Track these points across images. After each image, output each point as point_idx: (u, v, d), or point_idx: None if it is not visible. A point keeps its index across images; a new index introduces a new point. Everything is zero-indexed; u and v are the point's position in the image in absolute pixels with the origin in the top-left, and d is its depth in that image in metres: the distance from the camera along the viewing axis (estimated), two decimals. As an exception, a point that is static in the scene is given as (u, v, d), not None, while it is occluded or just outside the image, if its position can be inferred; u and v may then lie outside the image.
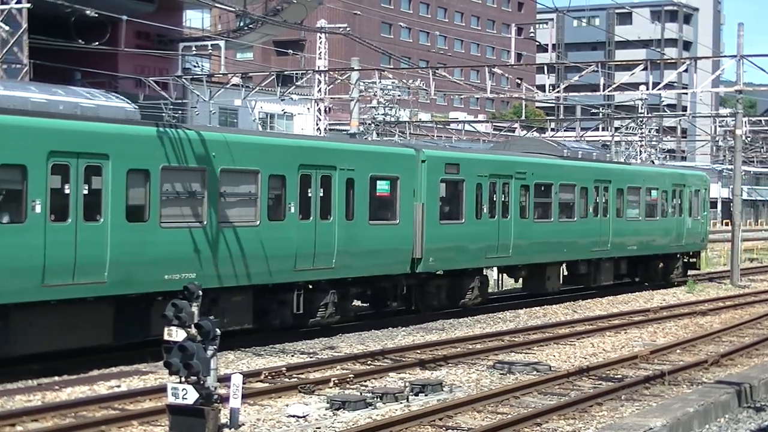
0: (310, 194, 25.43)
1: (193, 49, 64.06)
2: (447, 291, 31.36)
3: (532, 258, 34.38)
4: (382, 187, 28.06)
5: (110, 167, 20.75)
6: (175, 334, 15.63)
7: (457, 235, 30.57)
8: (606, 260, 38.58)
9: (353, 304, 28.49)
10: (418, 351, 24.44)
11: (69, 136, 20.09)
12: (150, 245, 21.55)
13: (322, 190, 25.79)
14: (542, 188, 34.61)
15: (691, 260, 45.69)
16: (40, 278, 19.45)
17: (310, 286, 26.13)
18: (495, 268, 36.82)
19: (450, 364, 22.90)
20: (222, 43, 62.35)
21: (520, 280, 36.42)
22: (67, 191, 20.05)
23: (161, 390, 17.29)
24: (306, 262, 25.34)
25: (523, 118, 70.42)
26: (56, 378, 20.17)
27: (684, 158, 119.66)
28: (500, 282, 39.55)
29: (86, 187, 20.33)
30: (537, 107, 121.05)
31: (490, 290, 34.70)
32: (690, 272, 45.79)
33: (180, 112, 56.24)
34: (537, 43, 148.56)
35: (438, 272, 30.72)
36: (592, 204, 37.21)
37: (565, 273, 38.18)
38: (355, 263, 26.89)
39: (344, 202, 26.45)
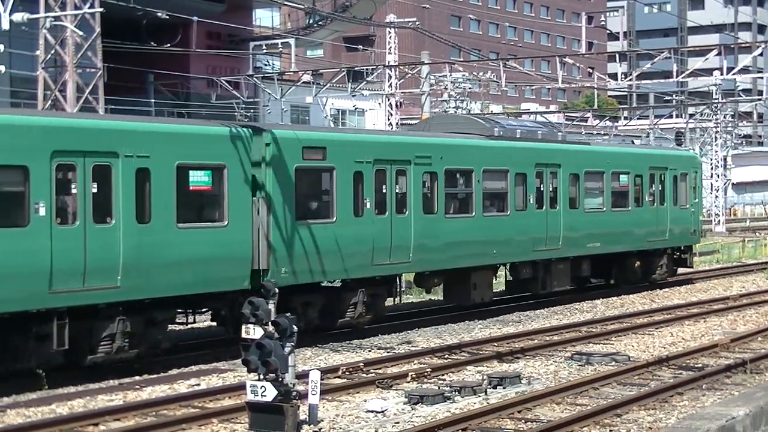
0: None
1: (264, 47, 64.40)
2: (321, 309, 25.14)
3: (447, 263, 28.00)
4: (199, 179, 22.06)
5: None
6: (253, 332, 15.71)
7: (325, 239, 24.34)
8: (559, 261, 31.96)
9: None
10: (495, 344, 24.36)
11: None
12: None
13: None
14: (457, 176, 28.43)
15: (682, 256, 38.74)
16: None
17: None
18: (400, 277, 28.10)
19: (527, 356, 22.80)
20: (292, 41, 62.59)
21: (441, 290, 30.49)
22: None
23: (240, 388, 17.40)
24: None
25: (595, 107, 69.79)
26: (137, 377, 20.38)
27: (761, 143, 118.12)
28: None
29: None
30: (609, 96, 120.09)
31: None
32: (681, 271, 39.66)
33: (252, 110, 56.59)
34: (608, 32, 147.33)
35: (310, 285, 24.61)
36: (533, 193, 30.74)
37: (510, 278, 32.36)
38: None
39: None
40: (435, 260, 27.51)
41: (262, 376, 15.43)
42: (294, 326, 15.74)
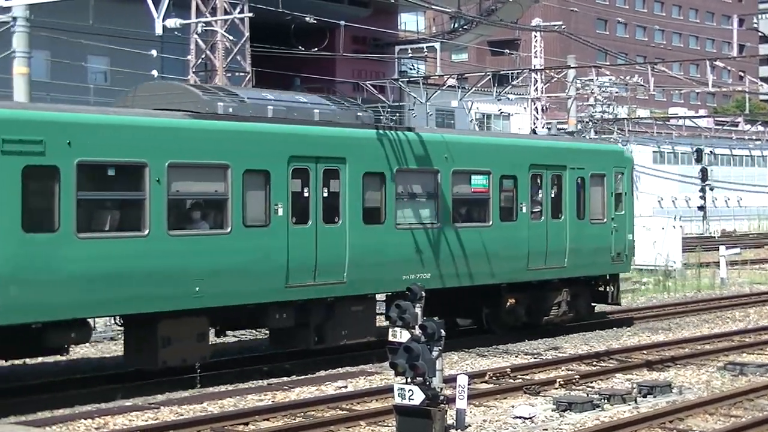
0: None
1: (409, 51, 64.64)
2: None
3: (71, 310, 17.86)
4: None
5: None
6: (399, 335, 15.70)
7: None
8: (343, 302, 21.84)
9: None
10: (644, 351, 23.92)
11: None
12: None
13: None
14: (110, 175, 18.70)
15: (606, 289, 28.13)
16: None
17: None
18: None
19: (678, 365, 22.31)
20: (437, 45, 62.71)
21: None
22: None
23: (387, 391, 17.41)
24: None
25: (746, 111, 68.23)
26: (285, 378, 20.58)
27: None
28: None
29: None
30: (761, 100, 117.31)
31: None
32: (602, 308, 29.31)
33: (397, 114, 56.78)
34: (760, 34, 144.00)
35: None
36: (284, 201, 20.50)
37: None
38: None
39: None
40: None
41: (409, 380, 15.39)
42: (442, 330, 15.67)
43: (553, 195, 26.25)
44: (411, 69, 69.45)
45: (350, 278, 21.67)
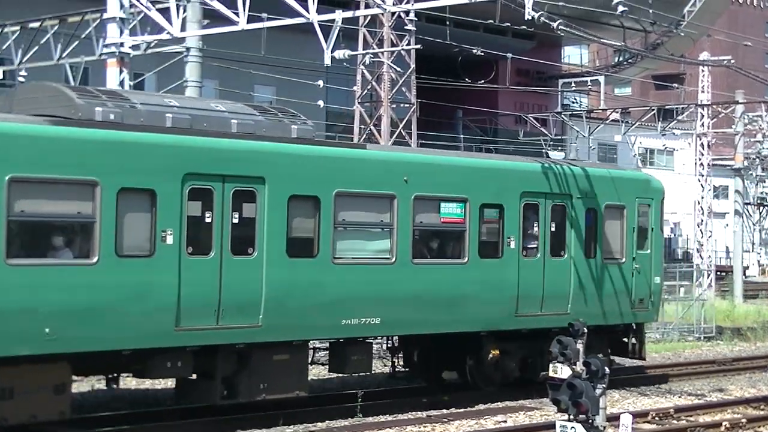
0: None
1: (572, 84, 64.19)
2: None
3: None
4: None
5: None
6: (560, 371, 15.54)
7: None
8: (262, 349, 18.24)
9: None
10: (816, 397, 23.16)
11: None
12: None
13: None
14: None
15: (630, 340, 24.16)
16: None
17: None
18: None
19: None
20: (601, 79, 62.06)
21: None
22: None
23: (548, 427, 17.27)
24: None
25: None
26: (444, 411, 20.54)
27: None
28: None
29: None
30: None
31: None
32: (625, 362, 26.01)
33: (559, 148, 56.41)
34: None
35: None
36: (172, 228, 17.05)
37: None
38: None
39: None
40: None
41: (572, 417, 15.20)
42: (606, 368, 15.45)
43: (553, 229, 22.25)
44: (573, 102, 69.01)
45: (268, 321, 17.76)
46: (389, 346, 22.43)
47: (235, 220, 17.53)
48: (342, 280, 18.84)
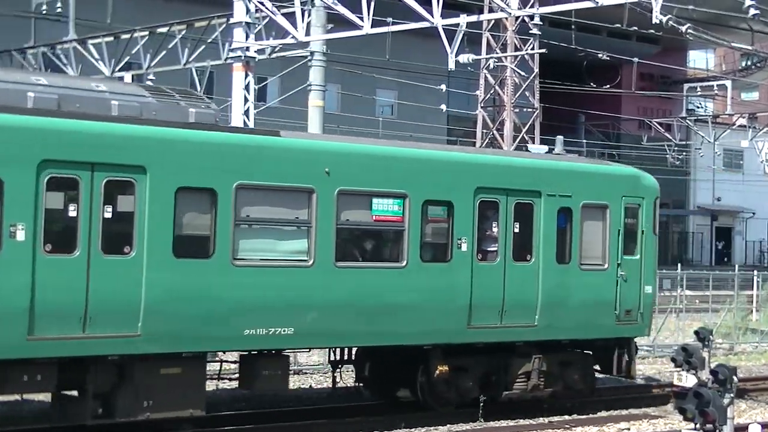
0: None
1: (698, 89, 63.31)
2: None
3: None
4: None
5: None
6: (685, 379, 15.32)
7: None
8: (145, 363, 16.41)
9: None
10: None
11: None
12: None
13: None
14: None
15: (622, 356, 21.20)
16: None
17: None
18: None
19: None
20: (728, 83, 61.14)
21: None
22: None
23: (673, 436, 16.97)
24: None
25: None
26: (566, 417, 20.38)
27: None
28: None
29: None
30: None
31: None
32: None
33: (684, 153, 55.65)
34: None
35: None
36: (24, 223, 14.75)
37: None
38: None
39: None
40: None
41: (698, 426, 14.95)
42: (735, 376, 15.18)
43: (517, 230, 19.36)
44: (698, 107, 67.98)
45: (150, 330, 15.51)
46: (331, 360, 19.95)
47: (108, 215, 15.29)
48: (244, 284, 16.38)
